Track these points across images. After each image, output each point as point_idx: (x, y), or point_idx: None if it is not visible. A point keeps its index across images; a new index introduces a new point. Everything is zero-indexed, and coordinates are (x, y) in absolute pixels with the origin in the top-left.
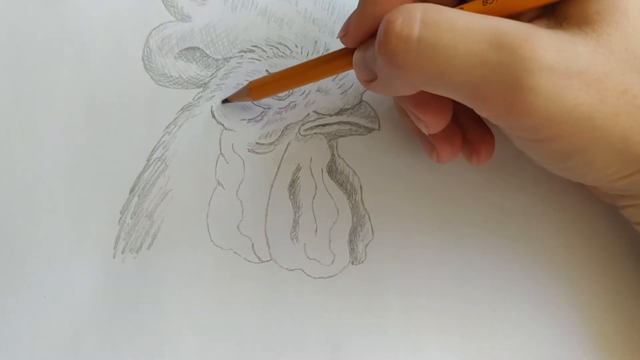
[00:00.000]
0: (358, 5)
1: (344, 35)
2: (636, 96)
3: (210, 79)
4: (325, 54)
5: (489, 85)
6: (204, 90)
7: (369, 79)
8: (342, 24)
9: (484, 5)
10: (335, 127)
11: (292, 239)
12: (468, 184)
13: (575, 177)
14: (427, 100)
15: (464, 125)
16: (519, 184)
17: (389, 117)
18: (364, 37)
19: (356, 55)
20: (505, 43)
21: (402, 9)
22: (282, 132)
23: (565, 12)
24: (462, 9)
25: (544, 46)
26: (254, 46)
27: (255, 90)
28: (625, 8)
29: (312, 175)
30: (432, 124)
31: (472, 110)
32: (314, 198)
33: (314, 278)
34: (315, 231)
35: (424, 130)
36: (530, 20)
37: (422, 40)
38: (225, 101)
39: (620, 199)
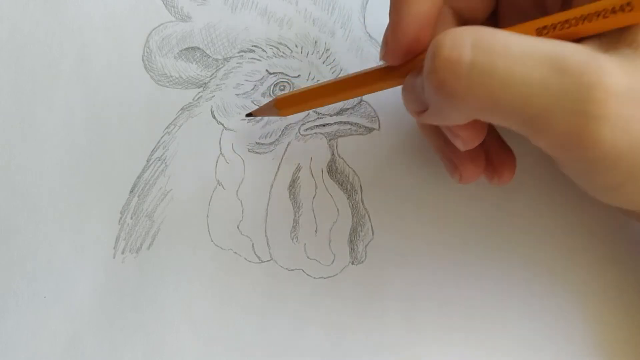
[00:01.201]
0: (389, 20)
1: (385, 54)
2: None
3: (210, 79)
4: (364, 70)
5: (550, 115)
6: (204, 90)
7: (420, 109)
8: (381, 44)
9: (538, 34)
10: (335, 127)
11: (292, 239)
12: (469, 184)
13: (624, 205)
14: None
15: (486, 144)
16: (521, 184)
17: (389, 117)
18: (405, 50)
19: (405, 85)
20: (568, 69)
21: (451, 32)
22: (282, 132)
23: (617, 34)
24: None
25: (609, 72)
26: (254, 46)
27: (286, 107)
28: None
29: (312, 175)
30: (469, 139)
31: (494, 130)
32: (314, 198)
33: (314, 278)
34: (315, 231)
35: (459, 146)
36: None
37: (474, 66)
38: (249, 115)
39: None
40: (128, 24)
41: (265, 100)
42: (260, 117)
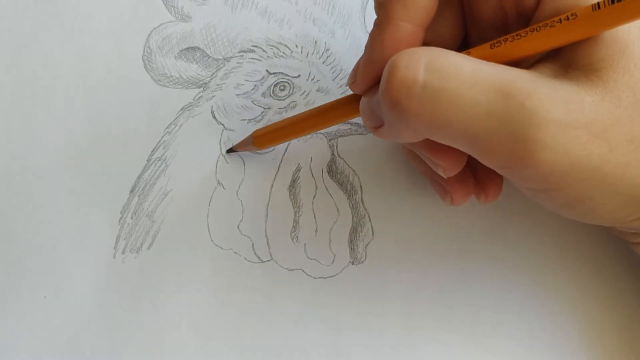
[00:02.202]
0: (364, 52)
1: (352, 82)
2: None
3: (211, 79)
4: (334, 100)
5: (493, 137)
6: (204, 90)
7: (376, 125)
8: (350, 71)
9: (491, 48)
10: (335, 127)
11: (292, 239)
12: None
13: (586, 221)
14: (441, 144)
15: (472, 165)
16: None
17: None
18: (372, 83)
19: (362, 101)
20: (512, 94)
21: (406, 52)
22: None
23: (570, 58)
24: (469, 52)
25: (551, 98)
26: (254, 46)
27: (261, 138)
28: (632, 54)
29: (312, 175)
30: (450, 167)
31: None
32: (314, 198)
33: (314, 278)
34: (316, 231)
35: (441, 173)
36: (534, 63)
37: (426, 86)
38: (230, 150)
39: (632, 236)
40: (128, 24)
41: (266, 100)
42: (260, 117)
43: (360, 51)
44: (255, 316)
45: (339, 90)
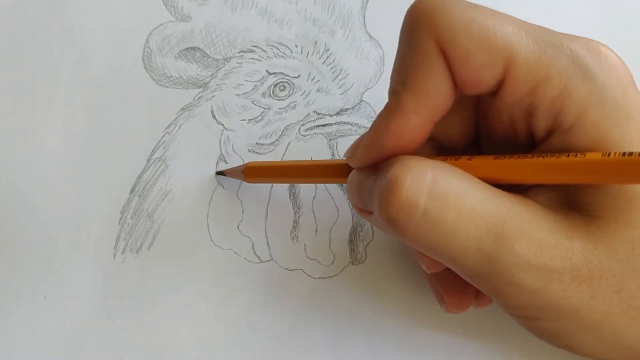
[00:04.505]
0: (369, 130)
1: (350, 157)
2: (634, 296)
3: (211, 79)
4: (332, 160)
5: (478, 269)
6: (204, 90)
7: (363, 209)
8: (350, 145)
9: (494, 159)
10: (335, 127)
11: (292, 239)
12: None
13: (575, 353)
14: None
15: None
16: None
17: None
18: (369, 164)
19: (352, 178)
20: (504, 235)
21: (411, 169)
22: (282, 132)
23: (571, 194)
24: (471, 159)
25: (540, 244)
26: (254, 46)
27: (251, 170)
28: (639, 205)
29: None
30: (431, 266)
31: None
32: (314, 198)
33: (314, 278)
34: (316, 231)
35: (424, 268)
36: (535, 185)
37: (426, 215)
38: (220, 173)
39: None
40: (128, 24)
41: (266, 100)
42: (260, 117)
43: (360, 52)
44: (255, 316)
45: (339, 90)
